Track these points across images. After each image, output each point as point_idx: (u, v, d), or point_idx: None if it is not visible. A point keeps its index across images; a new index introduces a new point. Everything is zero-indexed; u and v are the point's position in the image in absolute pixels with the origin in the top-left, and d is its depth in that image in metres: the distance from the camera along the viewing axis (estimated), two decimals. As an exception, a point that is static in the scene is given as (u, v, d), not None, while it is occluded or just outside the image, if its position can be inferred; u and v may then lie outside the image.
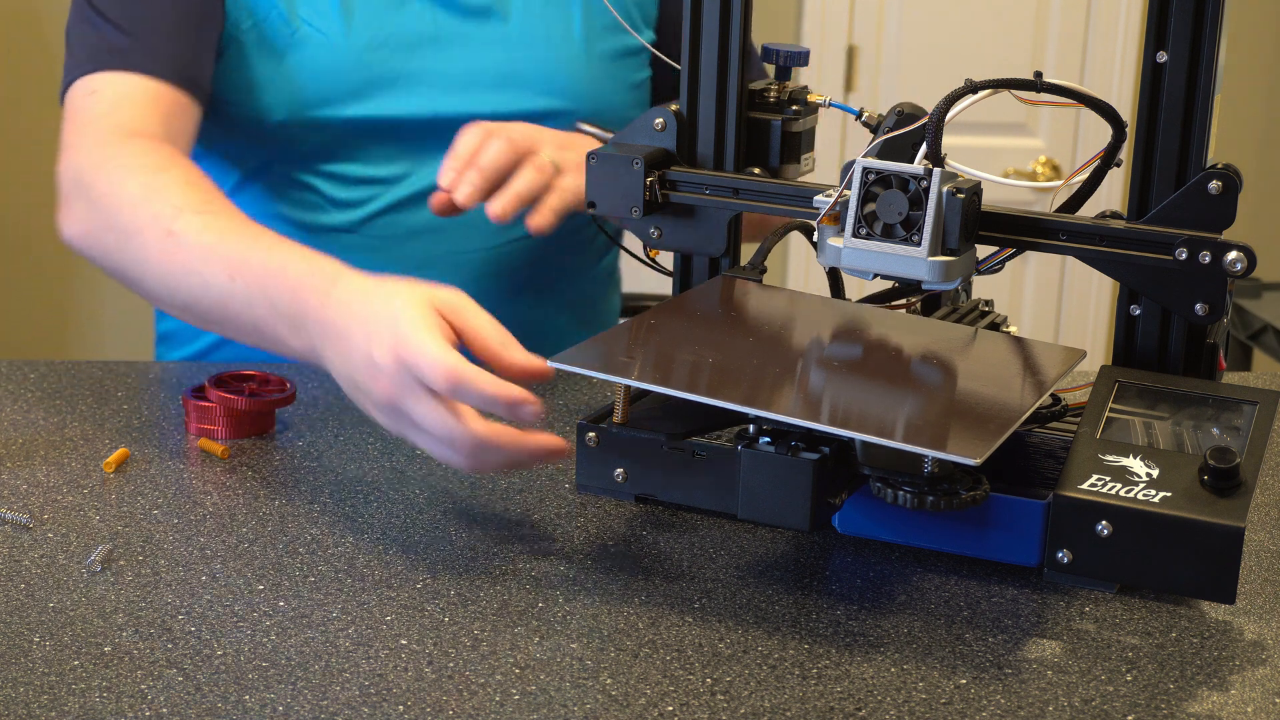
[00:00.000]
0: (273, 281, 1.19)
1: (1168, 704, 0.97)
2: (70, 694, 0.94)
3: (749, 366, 1.10)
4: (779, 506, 1.04)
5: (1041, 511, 1.07)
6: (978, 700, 0.96)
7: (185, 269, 1.25)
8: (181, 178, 1.32)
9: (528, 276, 1.61)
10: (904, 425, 1.05)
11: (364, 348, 1.10)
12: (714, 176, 1.26)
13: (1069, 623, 1.06)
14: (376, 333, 1.09)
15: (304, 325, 1.17)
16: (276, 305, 1.18)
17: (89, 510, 1.18)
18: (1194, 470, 1.04)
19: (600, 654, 1.00)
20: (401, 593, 1.07)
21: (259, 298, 1.20)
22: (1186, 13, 1.12)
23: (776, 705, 0.95)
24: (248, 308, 1.21)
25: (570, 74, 1.56)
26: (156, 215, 1.28)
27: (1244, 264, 1.11)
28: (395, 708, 0.94)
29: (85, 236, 1.35)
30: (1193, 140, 1.14)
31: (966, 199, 1.14)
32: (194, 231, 1.25)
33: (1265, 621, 1.07)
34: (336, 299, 1.14)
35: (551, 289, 1.63)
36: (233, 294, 1.21)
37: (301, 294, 1.17)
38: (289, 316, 1.18)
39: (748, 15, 1.26)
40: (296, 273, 1.18)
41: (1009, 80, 1.18)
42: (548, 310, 1.63)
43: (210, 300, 1.24)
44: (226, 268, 1.22)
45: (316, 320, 1.15)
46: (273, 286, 1.19)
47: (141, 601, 1.05)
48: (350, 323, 1.12)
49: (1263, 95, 3.50)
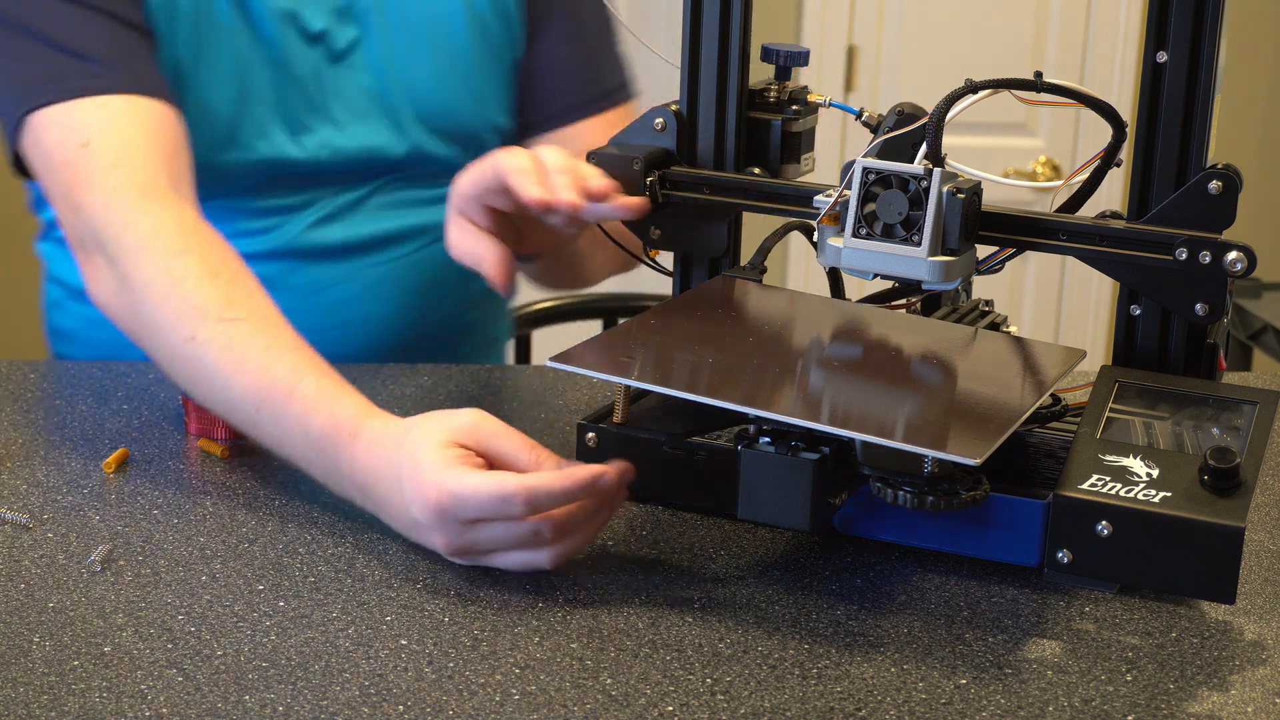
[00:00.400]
0: (297, 430, 1.16)
1: (1168, 704, 0.97)
2: (70, 694, 0.94)
3: (749, 367, 1.10)
4: (779, 506, 1.04)
5: (1041, 511, 1.07)
6: (978, 700, 0.96)
7: (209, 384, 1.21)
8: (200, 265, 1.24)
9: (431, 280, 1.61)
10: (904, 425, 1.05)
11: (404, 511, 1.09)
12: (714, 176, 1.26)
13: (1069, 623, 1.06)
14: (410, 491, 1.07)
15: (337, 483, 1.15)
16: (305, 455, 1.16)
17: (89, 510, 1.18)
18: (1194, 470, 1.04)
19: (600, 654, 1.00)
20: (401, 593, 1.07)
21: (283, 438, 1.17)
22: (1186, 13, 1.12)
23: (776, 705, 0.95)
24: (275, 442, 1.18)
25: (450, 96, 1.55)
26: (179, 315, 1.22)
27: (1244, 264, 1.11)
28: (395, 708, 0.94)
29: (113, 308, 1.29)
30: (1193, 140, 1.14)
31: (966, 199, 1.14)
32: (216, 347, 1.20)
33: (1265, 621, 1.06)
34: (362, 465, 1.12)
35: (451, 290, 1.64)
36: (258, 424, 1.18)
37: (327, 450, 1.14)
38: (321, 472, 1.16)
39: (748, 15, 1.26)
40: (319, 428, 1.14)
41: (1009, 80, 1.18)
42: (448, 309, 1.64)
43: (237, 420, 1.21)
44: (251, 396, 1.18)
45: (349, 480, 1.13)
46: (298, 435, 1.16)
47: (141, 601, 1.05)
48: (379, 485, 1.11)
49: (1263, 95, 3.50)
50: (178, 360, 1.23)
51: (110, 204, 1.29)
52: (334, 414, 1.14)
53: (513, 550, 1.07)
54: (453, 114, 1.55)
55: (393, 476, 1.09)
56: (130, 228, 1.27)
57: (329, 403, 1.15)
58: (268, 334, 1.20)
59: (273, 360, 1.18)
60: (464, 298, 1.64)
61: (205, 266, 1.24)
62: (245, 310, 1.22)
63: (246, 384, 1.18)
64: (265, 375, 1.17)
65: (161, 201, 1.30)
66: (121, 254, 1.26)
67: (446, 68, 1.54)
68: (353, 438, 1.13)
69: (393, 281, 1.58)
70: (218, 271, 1.24)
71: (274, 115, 1.50)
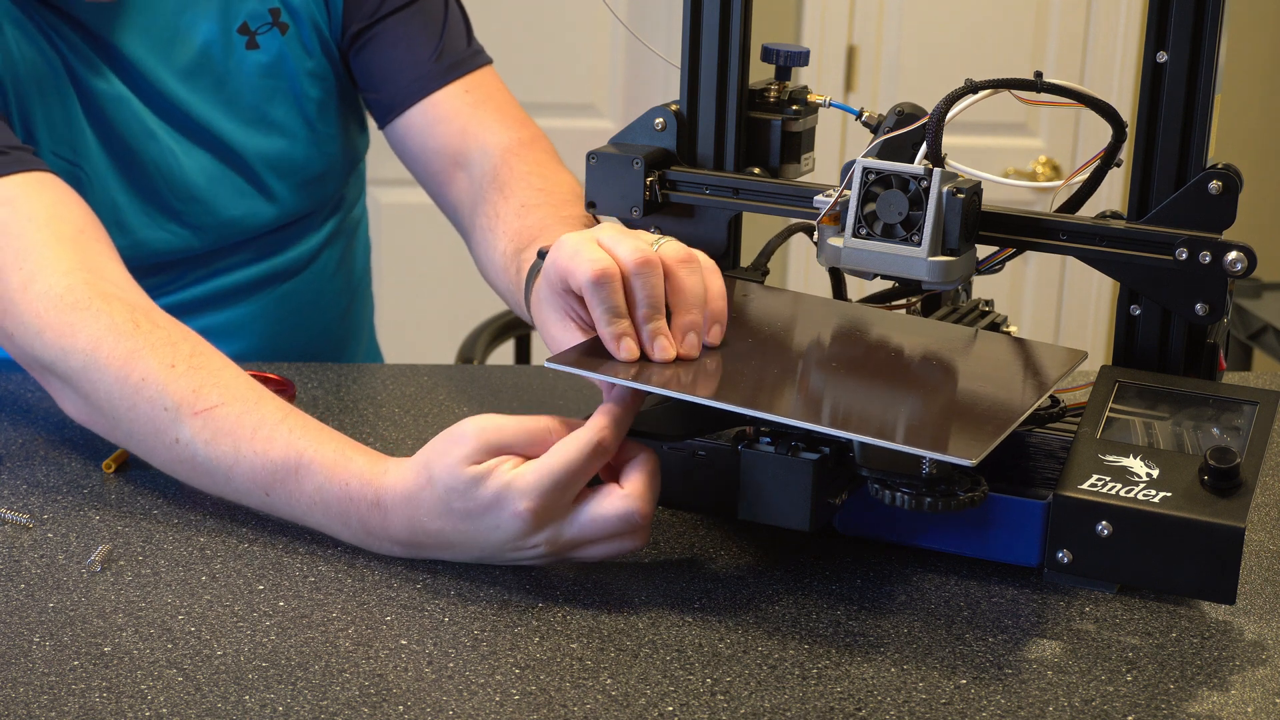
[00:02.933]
0: (316, 507, 1.12)
1: (1168, 704, 0.97)
2: (70, 694, 0.94)
3: (748, 368, 1.10)
4: (779, 506, 1.04)
5: (1041, 511, 1.07)
6: (978, 700, 0.96)
7: (210, 479, 1.16)
8: (153, 362, 1.17)
9: (314, 295, 1.64)
10: (900, 426, 1.05)
11: (482, 540, 1.06)
12: (714, 176, 1.26)
13: (1069, 623, 1.06)
14: (489, 521, 1.05)
15: (375, 545, 1.11)
16: (330, 528, 1.13)
17: (89, 510, 1.18)
18: (1194, 470, 1.04)
19: (600, 654, 1.00)
20: (401, 593, 1.07)
21: (304, 515, 1.13)
22: (1186, 13, 1.12)
23: (776, 705, 0.95)
24: (297, 518, 1.14)
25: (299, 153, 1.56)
26: (154, 423, 1.17)
27: (1244, 264, 1.11)
28: (395, 708, 0.94)
29: (90, 424, 1.23)
30: (1193, 140, 1.14)
31: (966, 199, 1.14)
32: (203, 443, 1.15)
33: (1265, 621, 1.06)
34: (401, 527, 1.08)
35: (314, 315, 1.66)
36: (274, 506, 1.14)
37: (353, 521, 1.11)
38: (352, 538, 1.12)
39: (748, 15, 1.26)
40: (336, 501, 1.11)
41: (1009, 80, 1.17)
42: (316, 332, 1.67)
43: (250, 504, 1.17)
44: (256, 484, 1.13)
45: (391, 543, 1.10)
46: (317, 511, 1.12)
47: (141, 601, 1.05)
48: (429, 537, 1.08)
49: (1263, 95, 3.50)
50: (172, 465, 1.18)
51: (41, 331, 1.22)
52: (347, 485, 1.10)
53: (611, 544, 1.06)
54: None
55: (443, 529, 1.06)
56: (70, 351, 1.20)
57: (337, 473, 1.11)
58: (251, 413, 1.15)
59: (265, 442, 1.13)
60: (326, 320, 1.68)
61: (159, 363, 1.17)
62: (216, 394, 1.16)
63: (246, 473, 1.13)
64: (264, 459, 1.13)
65: (89, 308, 1.21)
66: (72, 376, 1.20)
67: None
68: (376, 506, 1.09)
69: (261, 319, 1.60)
70: (172, 362, 1.17)
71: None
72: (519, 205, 1.38)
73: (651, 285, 1.07)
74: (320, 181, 1.58)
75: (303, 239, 1.61)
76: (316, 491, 1.11)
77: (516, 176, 1.42)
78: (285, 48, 1.50)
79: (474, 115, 1.50)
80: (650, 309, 1.07)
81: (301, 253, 1.61)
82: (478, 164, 1.47)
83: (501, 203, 1.40)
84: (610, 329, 1.07)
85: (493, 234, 1.39)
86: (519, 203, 1.39)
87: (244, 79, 1.50)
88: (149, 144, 1.47)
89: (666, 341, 1.08)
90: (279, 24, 1.50)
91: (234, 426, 1.14)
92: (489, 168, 1.45)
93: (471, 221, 1.45)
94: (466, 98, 1.51)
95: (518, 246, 1.33)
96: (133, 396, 1.17)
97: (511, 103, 1.54)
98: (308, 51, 1.52)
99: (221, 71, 1.49)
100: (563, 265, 1.09)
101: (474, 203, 1.45)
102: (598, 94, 3.32)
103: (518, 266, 1.32)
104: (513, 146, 1.47)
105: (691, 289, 1.09)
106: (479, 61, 1.55)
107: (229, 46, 1.48)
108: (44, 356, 1.22)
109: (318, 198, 1.60)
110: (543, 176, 1.42)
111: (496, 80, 1.55)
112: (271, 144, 1.53)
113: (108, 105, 1.45)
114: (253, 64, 1.50)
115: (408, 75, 1.52)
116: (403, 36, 1.52)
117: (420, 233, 3.20)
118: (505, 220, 1.38)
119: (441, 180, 1.51)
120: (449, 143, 1.50)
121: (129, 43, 1.44)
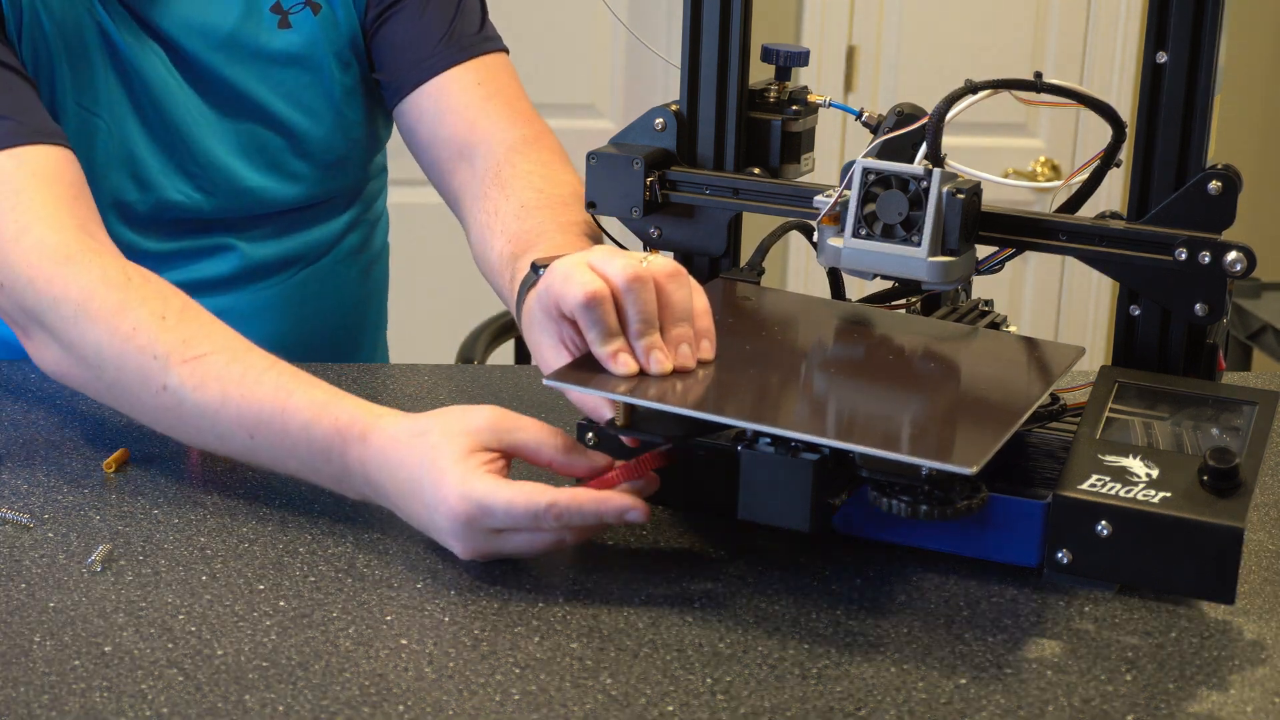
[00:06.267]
0: (300, 442, 1.14)
1: (1168, 704, 0.97)
2: (70, 694, 0.94)
3: (745, 376, 1.10)
4: (779, 506, 1.04)
5: (1041, 511, 1.07)
6: (978, 700, 0.96)
7: (194, 426, 1.18)
8: (144, 314, 1.20)
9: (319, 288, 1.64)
10: (898, 434, 1.05)
11: (424, 512, 1.08)
12: (714, 176, 1.26)
13: (1069, 623, 1.06)
14: (433, 496, 1.07)
15: (349, 482, 1.14)
16: (311, 464, 1.15)
17: (89, 510, 1.18)
18: (1194, 470, 1.04)
19: (600, 654, 1.00)
20: (401, 593, 1.07)
21: (286, 455, 1.15)
22: (1186, 13, 1.12)
23: (776, 705, 0.95)
24: (277, 462, 1.17)
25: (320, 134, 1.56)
26: (142, 371, 1.19)
27: (1244, 264, 1.11)
28: (395, 708, 0.94)
29: (69, 377, 1.25)
30: (1193, 140, 1.14)
31: (966, 199, 1.14)
32: (190, 389, 1.17)
33: (1265, 621, 1.07)
34: (377, 465, 1.11)
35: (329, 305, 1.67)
36: (256, 450, 1.17)
37: (335, 454, 1.13)
38: (330, 476, 1.15)
39: (748, 15, 1.26)
40: (323, 435, 1.13)
41: (1009, 80, 1.18)
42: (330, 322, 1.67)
43: (231, 450, 1.19)
44: (241, 426, 1.16)
45: (361, 478, 1.12)
46: (301, 447, 1.14)
47: (141, 601, 1.05)
48: (396, 485, 1.10)
49: (1263, 95, 3.49)
50: (154, 413, 1.20)
51: (33, 280, 1.24)
52: (336, 419, 1.13)
53: (532, 549, 1.08)
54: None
55: (411, 478, 1.08)
56: (60, 300, 1.22)
57: (327, 409, 1.14)
58: (239, 361, 1.17)
59: (254, 385, 1.16)
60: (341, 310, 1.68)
61: (149, 314, 1.20)
62: (206, 344, 1.18)
63: (233, 415, 1.16)
64: (251, 401, 1.15)
65: (81, 261, 1.24)
66: (61, 325, 1.22)
67: None
68: (363, 438, 1.11)
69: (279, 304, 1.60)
70: (163, 314, 1.20)
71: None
72: (519, 206, 1.38)
73: (644, 301, 1.08)
74: (340, 166, 1.59)
75: (322, 223, 1.61)
76: (302, 429, 1.13)
77: (519, 175, 1.42)
78: (317, 28, 1.52)
79: (484, 108, 1.51)
80: (643, 324, 1.08)
81: (320, 237, 1.61)
82: (481, 158, 1.47)
83: (502, 201, 1.40)
84: (604, 349, 1.08)
85: (491, 231, 1.39)
86: (519, 203, 1.39)
87: (275, 57, 1.51)
88: (175, 105, 1.49)
89: (662, 355, 1.09)
90: (311, 4, 1.51)
91: (222, 372, 1.17)
92: (492, 163, 1.45)
93: (472, 215, 1.45)
94: (479, 90, 1.51)
95: (515, 251, 1.34)
96: (122, 345, 1.20)
97: (522, 97, 1.54)
98: (338, 32, 1.53)
99: (253, 48, 1.50)
100: (555, 290, 1.10)
101: (475, 196, 1.45)
102: (598, 94, 3.32)
103: (512, 274, 1.32)
104: (517, 144, 1.47)
105: (680, 303, 1.10)
106: (488, 47, 1.55)
107: (261, 25, 1.50)
108: (35, 306, 1.24)
109: (338, 182, 1.60)
110: (544, 176, 1.42)
111: (509, 72, 1.56)
112: (296, 123, 1.53)
113: (139, 61, 1.46)
114: (284, 42, 1.51)
115: (415, 55, 1.53)
116: (417, 17, 1.53)
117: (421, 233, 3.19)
118: (504, 220, 1.38)
119: (446, 169, 1.52)
120: (457, 133, 1.50)
121: (165, 19, 1.46)
